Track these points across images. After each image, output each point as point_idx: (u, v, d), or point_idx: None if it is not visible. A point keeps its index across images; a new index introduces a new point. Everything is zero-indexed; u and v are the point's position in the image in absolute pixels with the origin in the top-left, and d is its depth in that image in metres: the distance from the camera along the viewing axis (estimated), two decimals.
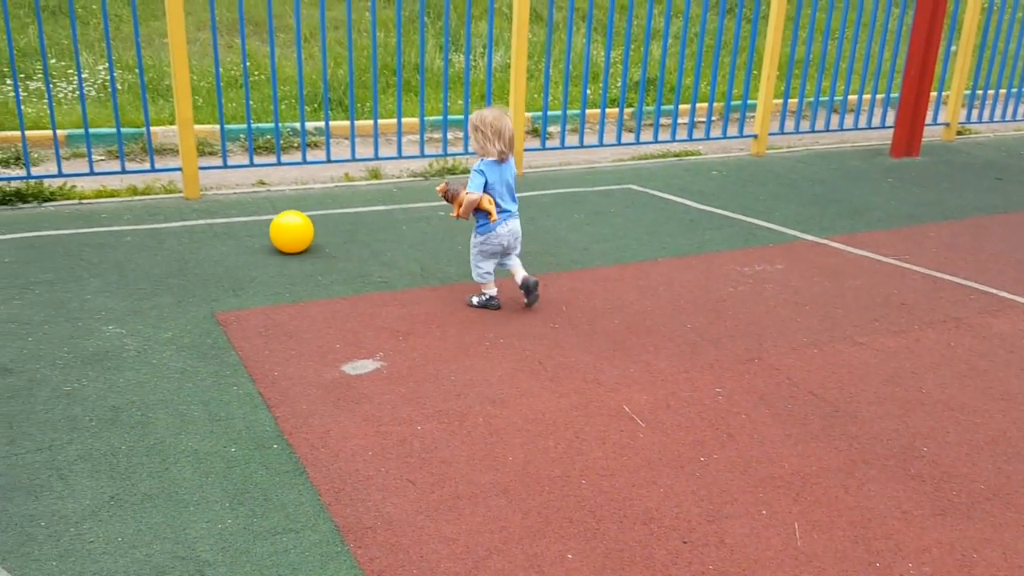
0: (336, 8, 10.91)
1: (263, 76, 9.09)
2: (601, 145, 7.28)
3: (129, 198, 5.65)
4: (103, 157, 6.71)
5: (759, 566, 2.29)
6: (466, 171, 6.71)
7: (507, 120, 3.88)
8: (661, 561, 2.30)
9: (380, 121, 6.54)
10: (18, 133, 5.84)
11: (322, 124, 7.86)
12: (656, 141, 7.54)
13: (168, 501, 2.49)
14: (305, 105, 5.99)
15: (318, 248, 4.75)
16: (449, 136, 6.89)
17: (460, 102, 9.17)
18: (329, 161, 6.27)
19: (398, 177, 6.55)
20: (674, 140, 7.61)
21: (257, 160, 6.25)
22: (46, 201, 5.41)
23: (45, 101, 7.84)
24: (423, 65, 6.26)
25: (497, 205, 3.91)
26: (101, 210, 5.32)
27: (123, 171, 5.70)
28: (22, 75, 8.34)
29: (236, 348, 3.49)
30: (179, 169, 5.71)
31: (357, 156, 6.34)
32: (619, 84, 9.88)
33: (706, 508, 2.53)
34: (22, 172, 5.58)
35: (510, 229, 3.95)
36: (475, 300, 4.04)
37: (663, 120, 8.63)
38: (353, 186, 6.24)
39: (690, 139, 7.73)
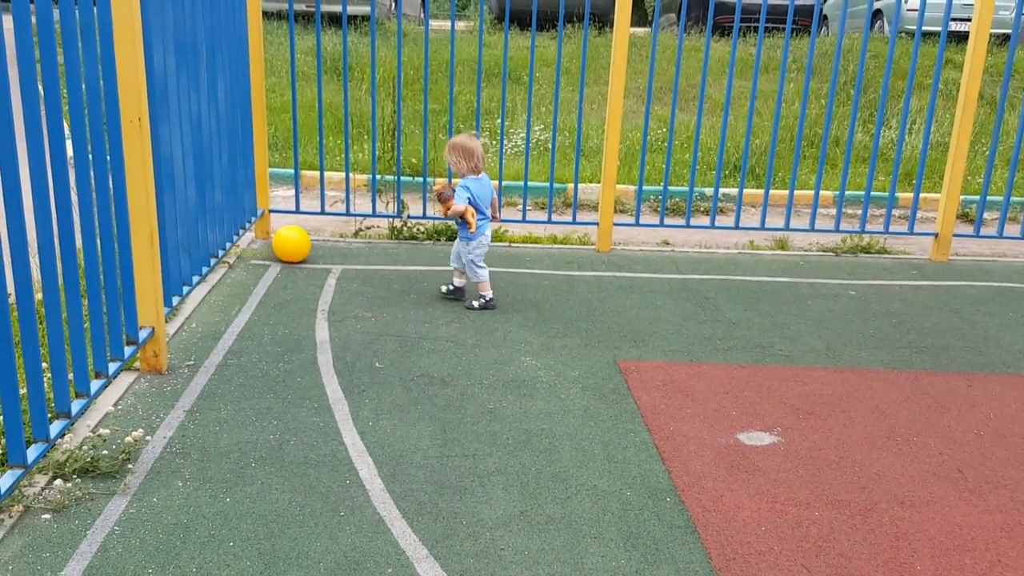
0: (765, 79, 11.00)
1: (677, 142, 9.47)
2: None
3: (549, 246, 6.22)
4: (531, 207, 7.49)
5: None
6: (882, 251, 6.30)
7: (474, 142, 4.57)
8: None
9: (797, 193, 6.40)
10: None
11: (731, 191, 7.96)
12: None
13: (568, 528, 2.67)
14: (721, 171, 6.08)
15: (717, 311, 4.78)
16: (869, 213, 6.51)
17: (883, 178, 8.66)
18: (737, 227, 6.29)
19: (806, 250, 6.35)
20: None
21: (666, 221, 6.49)
22: None
23: (493, 154, 8.99)
24: (851, 137, 6.01)
25: (481, 213, 4.62)
26: (526, 254, 5.93)
27: (549, 221, 6.30)
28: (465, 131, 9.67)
29: (635, 397, 3.64)
30: (596, 223, 6.16)
31: (767, 225, 6.28)
32: None
33: None
34: None
35: (488, 232, 4.71)
36: (476, 304, 4.70)
37: None
38: (757, 254, 6.19)
39: None
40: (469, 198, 4.55)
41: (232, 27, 4.98)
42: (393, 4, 14.71)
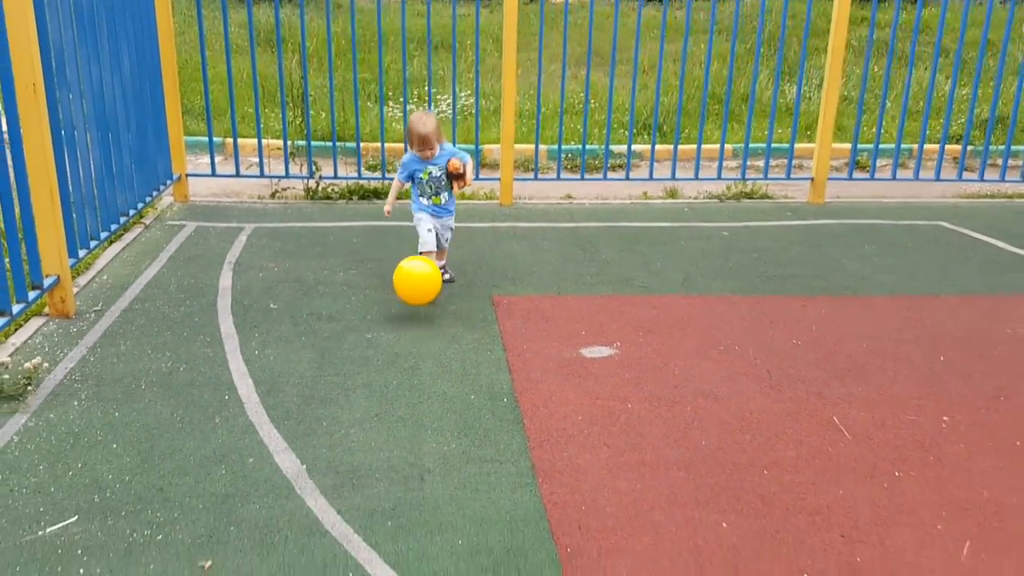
0: (675, 41, 11.44)
1: (595, 103, 9.89)
2: (916, 180, 6.89)
3: (459, 201, 6.61)
4: None
5: (911, 569, 2.29)
6: (765, 196, 6.79)
7: (418, 122, 4.30)
8: (811, 546, 2.40)
9: (703, 146, 6.86)
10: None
11: (639, 147, 8.40)
12: (982, 180, 6.94)
13: (414, 425, 3.11)
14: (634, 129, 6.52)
15: (596, 253, 5.23)
16: (757, 163, 7.00)
17: (781, 131, 9.16)
18: (627, 179, 6.74)
19: (694, 198, 6.83)
20: (1003, 180, 6.94)
21: (569, 175, 6.92)
22: None
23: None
24: (753, 94, 6.44)
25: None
26: None
27: None
28: (393, 99, 9.99)
29: (500, 324, 4.08)
30: (498, 179, 6.57)
31: (655, 176, 6.73)
32: (961, 120, 9.16)
33: (879, 513, 2.55)
34: (379, 175, 6.83)
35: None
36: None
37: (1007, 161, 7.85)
38: (648, 203, 6.65)
39: None
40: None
41: None
42: None
